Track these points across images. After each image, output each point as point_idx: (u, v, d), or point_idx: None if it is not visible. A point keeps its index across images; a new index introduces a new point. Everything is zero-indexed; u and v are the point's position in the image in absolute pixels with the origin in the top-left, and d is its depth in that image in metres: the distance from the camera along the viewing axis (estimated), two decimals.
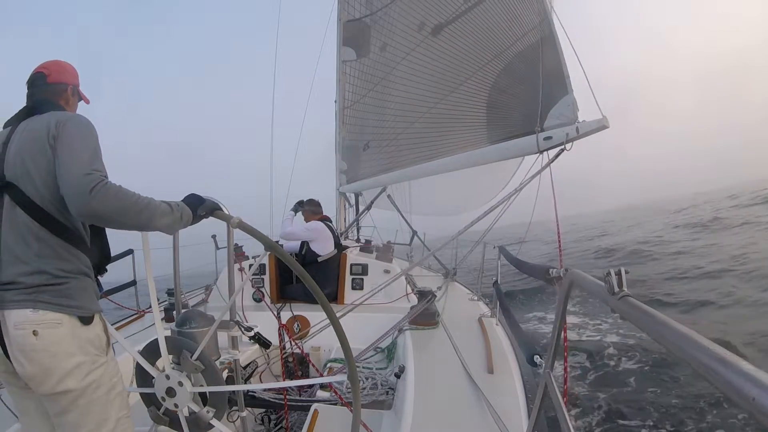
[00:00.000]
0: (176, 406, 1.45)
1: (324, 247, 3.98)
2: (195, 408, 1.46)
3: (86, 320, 1.27)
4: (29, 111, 1.37)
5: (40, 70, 1.45)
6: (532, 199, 2.75)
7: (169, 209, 1.27)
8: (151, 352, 1.51)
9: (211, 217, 1.41)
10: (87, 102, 1.58)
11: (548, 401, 1.26)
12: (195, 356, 1.43)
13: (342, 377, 1.48)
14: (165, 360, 1.47)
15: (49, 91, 1.43)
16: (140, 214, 1.20)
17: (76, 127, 1.26)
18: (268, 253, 1.36)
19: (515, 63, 2.92)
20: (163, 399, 1.47)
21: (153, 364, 1.51)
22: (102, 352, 1.32)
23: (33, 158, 1.24)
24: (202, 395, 1.49)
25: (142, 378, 1.54)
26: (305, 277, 1.34)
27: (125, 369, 1.72)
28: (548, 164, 2.49)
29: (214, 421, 1.46)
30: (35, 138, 1.25)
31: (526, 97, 2.77)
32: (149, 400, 1.53)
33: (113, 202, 1.15)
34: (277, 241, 2.00)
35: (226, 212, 1.41)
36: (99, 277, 1.42)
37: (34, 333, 1.19)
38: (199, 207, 1.36)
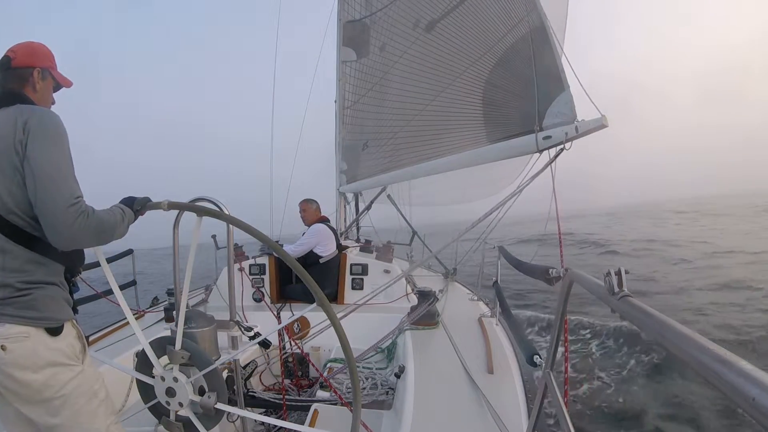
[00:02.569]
0: (180, 405, 1.45)
1: (326, 248, 3.97)
2: (197, 399, 1.45)
3: (54, 331, 1.23)
4: None
5: (7, 53, 1.35)
6: (529, 198, 2.73)
7: (122, 218, 1.28)
8: (143, 363, 1.50)
9: (203, 218, 1.41)
10: (68, 85, 1.46)
11: (548, 401, 1.26)
12: (177, 345, 1.42)
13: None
14: (155, 363, 1.46)
15: (13, 76, 1.33)
16: (107, 232, 1.23)
17: (48, 137, 1.19)
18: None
19: (509, 58, 2.91)
20: (168, 403, 1.46)
21: (150, 373, 1.50)
22: (77, 360, 1.28)
23: None
24: (203, 391, 1.48)
25: (146, 392, 1.53)
26: (305, 276, 1.34)
27: (121, 379, 1.71)
28: (548, 165, 2.49)
29: (219, 405, 1.44)
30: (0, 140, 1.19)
31: (523, 94, 2.76)
32: (158, 412, 1.52)
33: (93, 231, 1.17)
34: (278, 242, 2.00)
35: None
36: (74, 279, 1.38)
37: (3, 348, 1.16)
38: (133, 205, 1.37)
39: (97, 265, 1.51)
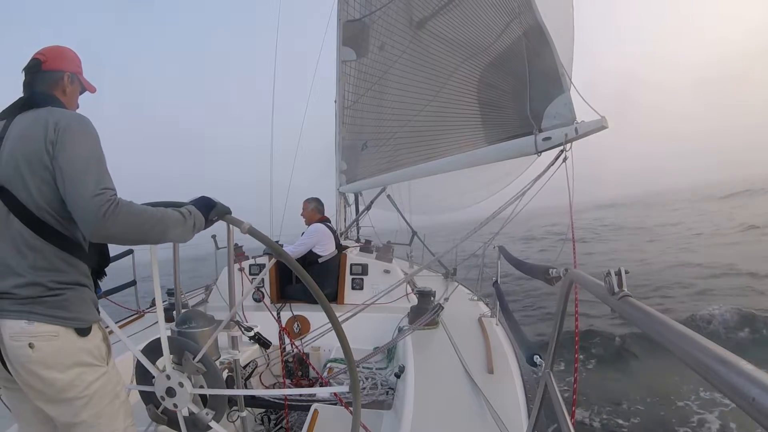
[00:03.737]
0: (175, 406, 1.45)
1: (326, 248, 3.98)
2: (194, 409, 1.46)
3: (83, 332, 1.24)
4: (25, 102, 1.29)
5: (36, 56, 1.37)
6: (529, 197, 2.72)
7: (182, 219, 1.24)
8: (152, 350, 1.51)
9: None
10: (92, 91, 1.49)
11: (548, 401, 1.26)
12: (197, 358, 1.43)
13: (344, 388, 1.48)
14: (166, 359, 1.47)
15: (44, 79, 1.35)
16: (153, 230, 1.18)
17: (78, 135, 1.20)
18: (269, 256, 1.36)
19: (507, 58, 2.90)
20: (163, 398, 1.46)
21: (154, 362, 1.51)
22: (102, 361, 1.29)
23: (28, 162, 1.18)
24: (202, 396, 1.49)
25: (142, 376, 1.54)
26: (308, 280, 1.34)
27: (125, 368, 1.71)
28: (550, 167, 2.49)
29: (212, 424, 1.46)
30: (31, 140, 1.19)
31: (522, 95, 2.76)
32: (148, 398, 1.53)
33: (126, 222, 1.13)
34: (277, 242, 2.00)
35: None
36: (99, 281, 1.38)
37: (30, 345, 1.16)
38: (211, 211, 1.33)
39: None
